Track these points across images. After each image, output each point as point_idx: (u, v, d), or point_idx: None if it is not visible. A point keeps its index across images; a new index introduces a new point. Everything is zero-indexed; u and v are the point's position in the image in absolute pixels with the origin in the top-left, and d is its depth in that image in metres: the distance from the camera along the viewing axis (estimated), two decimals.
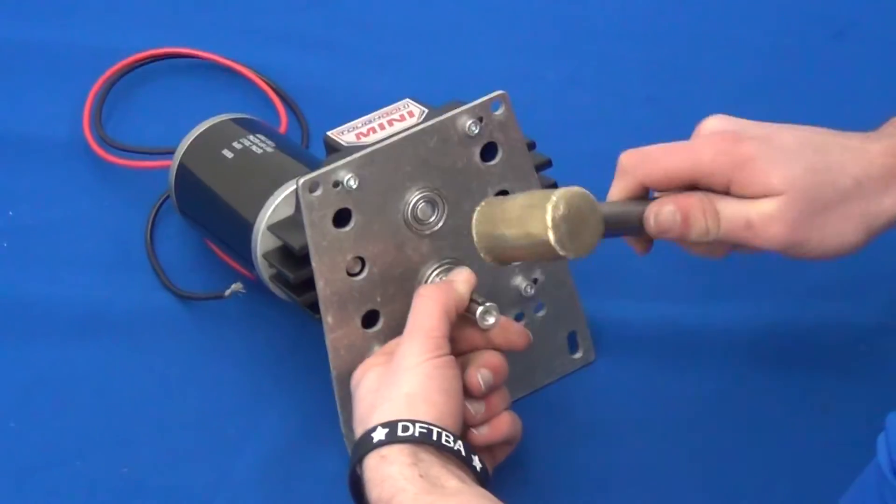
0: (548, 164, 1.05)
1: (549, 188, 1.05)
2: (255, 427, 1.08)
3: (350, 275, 0.99)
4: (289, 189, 1.03)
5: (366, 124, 1.02)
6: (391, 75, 1.32)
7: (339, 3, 1.40)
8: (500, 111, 1.01)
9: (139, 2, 1.40)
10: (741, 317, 1.12)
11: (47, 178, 1.25)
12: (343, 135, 1.02)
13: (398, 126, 1.01)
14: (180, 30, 1.36)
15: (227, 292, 1.11)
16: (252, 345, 1.13)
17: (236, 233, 1.06)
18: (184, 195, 1.14)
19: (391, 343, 0.99)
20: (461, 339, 0.99)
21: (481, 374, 0.97)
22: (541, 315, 1.08)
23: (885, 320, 1.12)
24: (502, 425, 0.99)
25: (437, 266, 1.02)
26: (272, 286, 1.05)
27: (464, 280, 0.99)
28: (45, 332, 1.14)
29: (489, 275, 1.04)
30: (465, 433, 0.97)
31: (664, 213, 0.91)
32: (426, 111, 1.02)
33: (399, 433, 0.90)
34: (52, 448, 1.07)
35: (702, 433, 1.06)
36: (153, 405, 1.09)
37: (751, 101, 1.29)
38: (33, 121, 1.29)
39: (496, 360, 0.98)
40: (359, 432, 0.93)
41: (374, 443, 0.90)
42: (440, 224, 1.01)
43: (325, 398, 1.02)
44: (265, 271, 1.05)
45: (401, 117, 1.02)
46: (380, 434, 0.90)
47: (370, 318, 1.01)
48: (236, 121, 1.15)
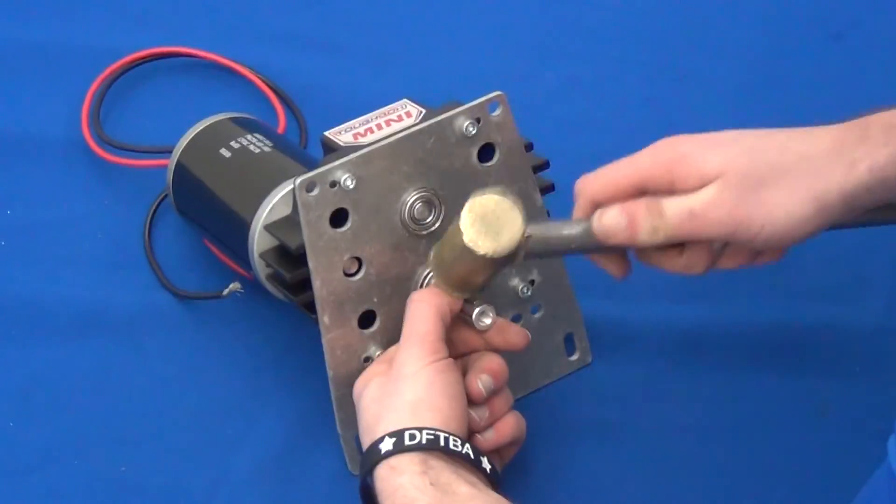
0: (545, 165, 1.05)
1: (545, 189, 1.05)
2: (253, 426, 1.08)
3: (347, 275, 0.99)
4: (286, 189, 1.03)
5: (363, 124, 1.02)
6: (389, 75, 1.32)
7: (337, 3, 1.40)
8: (497, 112, 1.01)
9: (137, 1, 1.40)
10: (739, 318, 1.12)
11: (45, 176, 1.25)
12: (340, 135, 1.02)
13: (396, 126, 1.01)
14: (179, 29, 1.36)
15: (225, 292, 1.11)
16: (250, 344, 1.13)
17: (233, 232, 1.06)
18: (182, 194, 1.14)
19: (390, 350, 0.99)
20: (459, 342, 0.99)
21: (481, 379, 0.97)
22: (537, 316, 1.08)
23: (883, 322, 1.12)
24: (507, 428, 0.99)
25: None
26: (269, 286, 1.05)
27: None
28: (42, 331, 1.14)
29: None
30: (470, 438, 0.96)
31: (608, 215, 0.92)
32: (424, 112, 1.02)
33: (406, 442, 0.90)
34: (49, 447, 1.07)
35: (700, 435, 1.06)
36: (151, 404, 1.09)
37: (750, 102, 1.29)
38: (31, 120, 1.29)
39: (495, 363, 0.98)
40: (366, 443, 0.92)
41: (383, 454, 0.90)
42: (437, 225, 1.01)
43: (322, 398, 1.02)
44: (262, 271, 1.05)
45: (398, 118, 1.02)
46: (387, 444, 0.90)
47: (367, 319, 1.01)
48: (234, 120, 1.15)
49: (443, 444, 0.90)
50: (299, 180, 0.96)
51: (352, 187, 0.97)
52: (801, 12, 1.38)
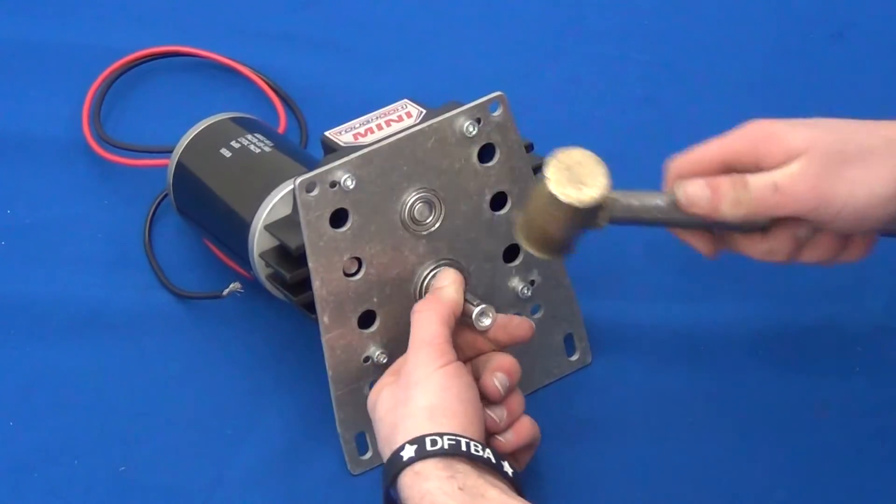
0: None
1: None
2: (253, 426, 1.08)
3: (346, 275, 0.99)
4: (286, 189, 1.03)
5: (364, 124, 1.02)
6: (390, 76, 1.32)
7: (338, 3, 1.40)
8: (498, 112, 1.01)
9: (138, 1, 1.40)
10: (739, 318, 1.12)
11: (46, 176, 1.25)
12: (341, 135, 1.02)
13: (396, 126, 1.01)
14: (179, 28, 1.36)
15: (225, 292, 1.11)
16: (249, 344, 1.13)
17: (233, 232, 1.06)
18: (182, 194, 1.14)
19: (398, 361, 0.99)
20: (465, 345, 0.99)
21: (497, 378, 0.97)
22: (537, 317, 1.08)
23: (882, 321, 1.12)
24: (524, 429, 0.98)
25: (433, 267, 1.02)
26: (269, 286, 1.05)
27: (451, 282, 0.99)
28: (43, 330, 1.14)
29: (486, 277, 1.04)
30: (489, 441, 0.96)
31: (693, 185, 0.92)
32: (424, 112, 1.02)
33: (428, 447, 0.89)
34: (49, 447, 1.07)
35: (699, 434, 1.06)
36: (151, 404, 1.09)
37: (750, 102, 1.29)
38: (32, 119, 1.29)
39: (508, 361, 0.98)
40: (386, 453, 0.92)
41: (405, 461, 0.89)
42: (437, 225, 1.01)
43: (321, 398, 1.03)
44: (262, 271, 1.05)
45: (399, 118, 1.02)
46: (409, 451, 0.89)
47: (366, 319, 1.01)
48: (235, 120, 1.15)
49: (465, 448, 0.89)
50: (299, 180, 0.96)
51: (352, 187, 0.97)
52: (801, 12, 1.38)
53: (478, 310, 0.98)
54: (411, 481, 0.88)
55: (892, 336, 1.11)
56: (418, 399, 0.92)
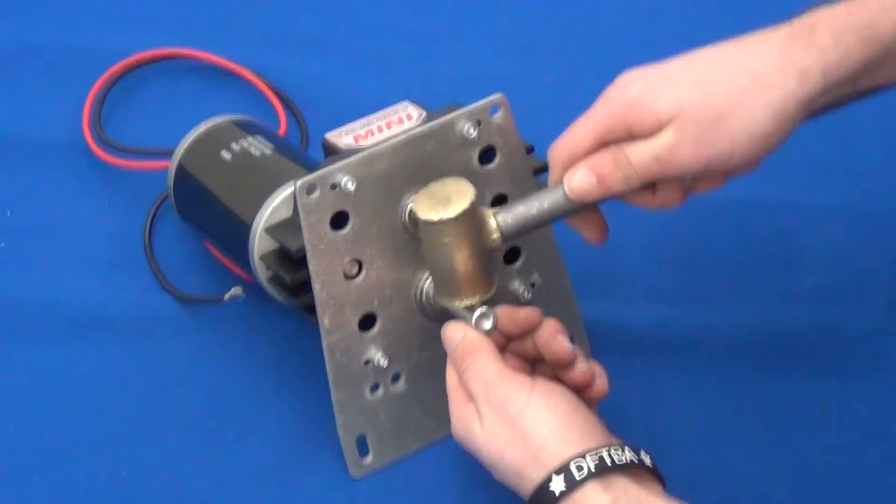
0: (546, 167, 1.05)
1: None
2: (253, 430, 1.08)
3: (347, 277, 0.99)
4: (287, 191, 1.03)
5: (364, 127, 1.02)
6: (390, 78, 1.32)
7: (339, 6, 1.40)
8: (498, 115, 1.01)
9: (139, 3, 1.40)
10: (739, 320, 1.12)
11: (46, 178, 1.25)
12: (341, 137, 1.02)
13: (396, 129, 1.01)
14: (180, 31, 1.36)
15: (226, 297, 1.11)
16: (250, 347, 1.13)
17: (234, 234, 1.06)
18: (182, 196, 1.14)
19: (457, 398, 0.94)
20: (524, 358, 0.98)
21: (558, 340, 0.95)
22: None
23: (883, 324, 1.12)
24: (598, 367, 0.97)
25: None
26: (269, 288, 1.05)
27: (463, 329, 0.97)
28: (42, 333, 1.14)
29: None
30: (586, 393, 0.95)
31: (577, 177, 0.93)
32: (424, 114, 1.02)
33: (577, 476, 0.86)
34: (49, 450, 1.07)
35: (699, 437, 1.06)
36: (151, 407, 1.09)
37: None
38: (33, 121, 1.29)
39: (550, 323, 0.96)
40: (526, 487, 0.88)
41: (558, 495, 0.86)
42: None
43: (322, 401, 1.03)
44: (262, 273, 1.05)
45: (399, 120, 1.02)
46: (558, 484, 0.86)
47: (367, 321, 1.01)
48: (235, 122, 1.15)
49: (609, 462, 0.87)
50: (300, 183, 0.96)
51: (352, 190, 0.97)
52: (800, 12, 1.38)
53: (478, 313, 0.98)
54: None
55: (892, 338, 1.11)
56: (539, 427, 0.89)
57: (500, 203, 1.03)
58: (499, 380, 0.92)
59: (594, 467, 0.86)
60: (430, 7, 1.40)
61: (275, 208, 1.04)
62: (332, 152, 1.01)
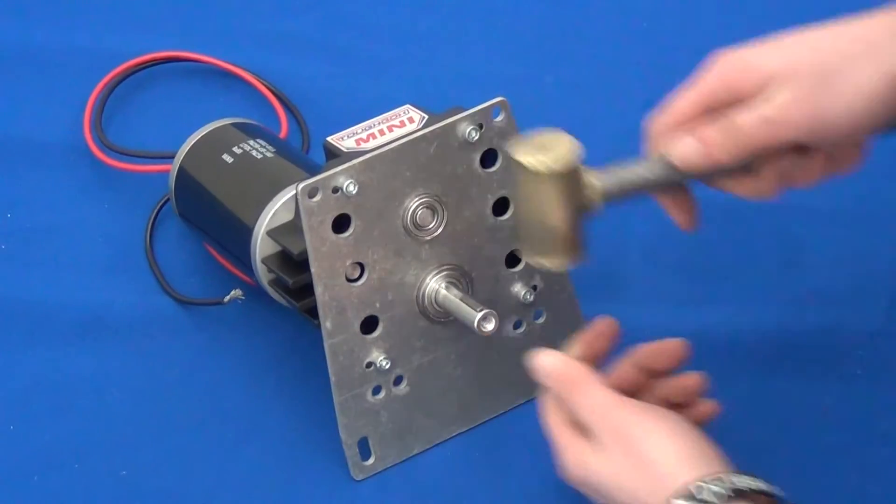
0: None
1: None
2: (254, 431, 1.08)
3: (349, 280, 0.99)
4: (288, 194, 1.03)
5: (366, 130, 1.02)
6: (392, 81, 1.32)
7: (340, 8, 1.40)
8: (500, 118, 1.01)
9: (140, 5, 1.40)
10: (739, 321, 1.12)
11: (47, 181, 1.25)
12: (343, 140, 1.02)
13: (398, 132, 1.01)
14: (181, 34, 1.36)
15: (227, 299, 1.11)
16: (251, 349, 1.13)
17: (235, 237, 1.06)
18: (184, 199, 1.14)
19: (562, 433, 0.93)
20: (636, 386, 0.97)
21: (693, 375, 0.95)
22: (540, 322, 1.08)
23: (884, 325, 1.12)
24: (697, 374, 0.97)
25: (436, 272, 1.02)
26: (271, 291, 1.05)
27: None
28: (44, 335, 1.14)
29: (488, 283, 1.04)
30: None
31: (682, 144, 0.89)
32: (426, 117, 1.02)
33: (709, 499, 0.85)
34: (50, 451, 1.07)
35: None
36: (152, 409, 1.09)
37: None
38: (33, 124, 1.29)
39: (670, 345, 0.96)
40: None
41: None
42: (440, 230, 1.01)
43: (324, 404, 1.02)
44: (264, 276, 1.05)
45: (401, 123, 1.02)
46: None
47: (369, 324, 1.01)
48: (237, 125, 1.15)
49: (736, 488, 0.85)
50: (301, 186, 0.96)
51: (354, 193, 0.97)
52: (801, 13, 1.38)
53: (480, 315, 0.98)
54: None
55: (894, 340, 1.11)
56: (662, 453, 0.87)
57: (502, 208, 1.03)
58: (616, 407, 0.90)
59: (723, 491, 0.85)
60: (431, 9, 1.40)
61: (276, 211, 1.04)
62: (333, 155, 1.01)
